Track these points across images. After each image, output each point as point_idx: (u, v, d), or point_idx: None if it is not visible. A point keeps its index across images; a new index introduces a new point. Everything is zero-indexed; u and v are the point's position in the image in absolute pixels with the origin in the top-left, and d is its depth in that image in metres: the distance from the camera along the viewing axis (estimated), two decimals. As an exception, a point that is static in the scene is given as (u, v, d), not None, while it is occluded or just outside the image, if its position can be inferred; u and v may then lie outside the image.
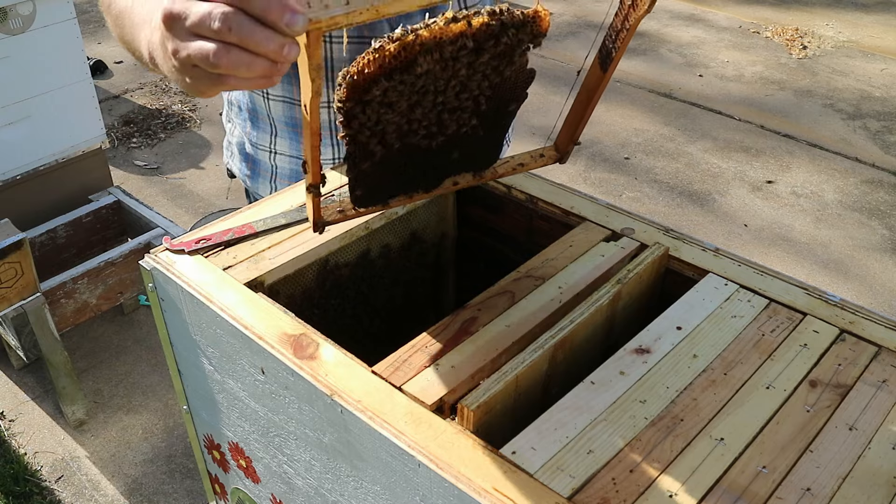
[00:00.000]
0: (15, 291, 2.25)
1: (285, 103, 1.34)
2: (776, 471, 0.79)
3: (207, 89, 0.71)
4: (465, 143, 1.01)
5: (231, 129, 1.49)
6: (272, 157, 1.42)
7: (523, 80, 0.96)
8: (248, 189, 1.53)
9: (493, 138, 1.04)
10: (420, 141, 0.96)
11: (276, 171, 1.43)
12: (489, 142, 1.04)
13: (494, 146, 1.05)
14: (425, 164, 1.01)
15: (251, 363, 0.97)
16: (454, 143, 1.00)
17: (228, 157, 1.52)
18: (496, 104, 0.97)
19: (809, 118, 4.58)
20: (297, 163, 1.41)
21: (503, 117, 1.01)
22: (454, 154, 1.01)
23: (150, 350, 2.88)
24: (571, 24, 5.84)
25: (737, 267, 1.07)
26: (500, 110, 0.99)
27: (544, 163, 1.08)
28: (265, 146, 1.41)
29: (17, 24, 2.44)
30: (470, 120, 0.97)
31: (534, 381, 0.92)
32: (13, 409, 2.66)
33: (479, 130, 0.99)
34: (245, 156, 1.46)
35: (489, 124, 1.00)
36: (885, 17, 6.05)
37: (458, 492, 0.75)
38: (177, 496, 2.38)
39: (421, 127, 0.93)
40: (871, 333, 0.96)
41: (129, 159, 4.11)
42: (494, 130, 1.02)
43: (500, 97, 0.96)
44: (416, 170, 1.00)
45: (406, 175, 1.00)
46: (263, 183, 1.46)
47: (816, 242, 3.57)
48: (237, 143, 1.47)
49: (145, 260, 1.07)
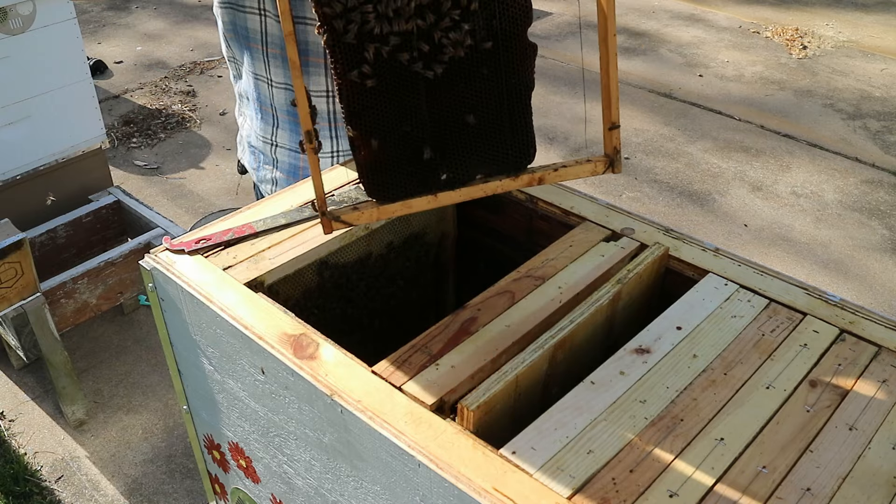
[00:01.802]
0: (15, 291, 2.25)
1: (287, 90, 1.36)
2: (776, 471, 0.79)
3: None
4: (475, 95, 0.92)
5: (242, 122, 1.53)
6: (273, 150, 1.45)
7: (516, 9, 0.91)
8: (255, 183, 1.56)
9: (513, 114, 0.93)
10: (415, 66, 0.90)
11: (276, 164, 1.46)
12: (509, 120, 0.93)
13: (518, 130, 0.94)
14: (438, 125, 0.93)
15: (251, 363, 0.97)
16: (463, 93, 0.92)
17: (240, 151, 1.56)
18: (491, 34, 0.91)
19: (809, 118, 4.58)
20: (296, 157, 1.43)
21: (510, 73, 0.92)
22: (469, 117, 0.93)
23: (150, 350, 2.87)
24: (571, 24, 5.84)
25: (737, 267, 1.06)
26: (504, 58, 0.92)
27: (593, 169, 0.95)
28: (268, 138, 1.44)
29: (17, 24, 2.43)
30: (463, 39, 0.91)
31: (534, 381, 0.92)
32: (13, 409, 2.66)
33: (482, 68, 0.91)
34: (252, 148, 1.50)
35: (493, 67, 0.92)
36: (885, 17, 6.05)
37: (458, 492, 0.75)
38: (177, 496, 2.38)
39: (403, 29, 0.89)
40: (871, 333, 0.96)
41: (129, 159, 4.11)
42: (510, 100, 0.93)
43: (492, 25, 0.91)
44: (427, 133, 0.92)
45: (422, 153, 0.93)
46: (266, 176, 1.48)
47: (816, 242, 3.57)
48: (247, 136, 1.51)
49: (145, 260, 1.07)
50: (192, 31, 5.56)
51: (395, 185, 0.94)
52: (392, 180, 0.94)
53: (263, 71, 1.37)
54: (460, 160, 0.94)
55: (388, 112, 0.92)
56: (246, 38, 1.35)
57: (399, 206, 0.93)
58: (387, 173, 0.93)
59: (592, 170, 0.94)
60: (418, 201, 0.93)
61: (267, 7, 1.31)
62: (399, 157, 0.93)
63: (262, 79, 1.39)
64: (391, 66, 0.91)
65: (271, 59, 1.34)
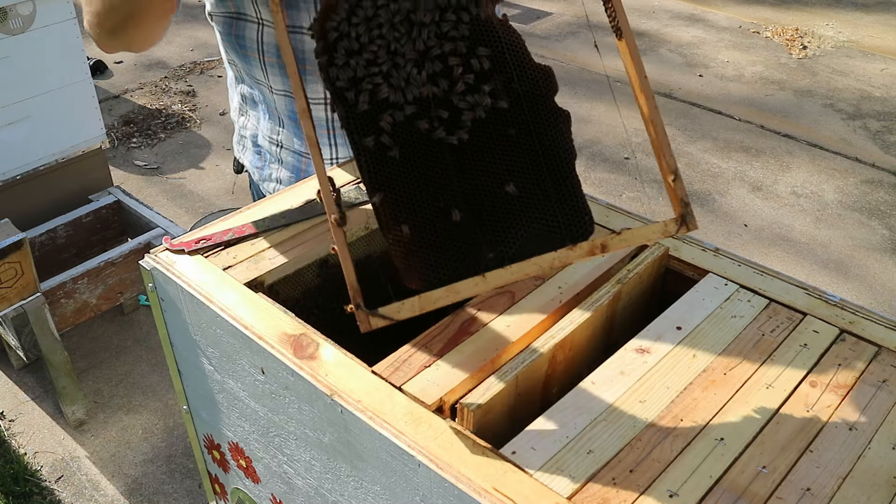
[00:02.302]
0: (15, 291, 2.25)
1: (287, 97, 1.36)
2: (776, 471, 0.79)
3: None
4: (507, 160, 0.85)
5: (244, 122, 1.52)
6: (279, 151, 1.45)
7: (535, 73, 0.87)
8: (256, 183, 1.56)
9: (556, 180, 0.84)
10: (437, 133, 0.86)
11: (281, 163, 1.46)
12: (554, 188, 0.84)
13: (566, 199, 0.85)
14: (473, 197, 0.85)
15: (251, 363, 0.97)
16: (494, 158, 0.85)
17: (240, 150, 1.56)
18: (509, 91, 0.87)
19: (809, 118, 4.58)
20: (299, 158, 1.43)
21: (542, 134, 0.85)
22: (508, 185, 0.85)
23: (150, 350, 2.87)
24: (571, 24, 5.84)
25: (737, 267, 1.07)
26: (531, 119, 0.86)
27: (664, 230, 0.81)
28: (274, 138, 1.44)
29: (17, 24, 2.44)
30: (482, 100, 0.86)
31: (534, 381, 0.92)
32: (13, 409, 2.66)
33: (509, 128, 0.86)
34: (257, 147, 1.50)
35: (521, 128, 0.86)
36: (885, 17, 6.05)
37: (458, 492, 0.75)
38: (177, 496, 2.38)
39: (418, 96, 0.87)
40: (871, 333, 0.96)
41: (129, 159, 4.11)
42: (549, 165, 0.84)
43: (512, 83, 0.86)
44: (461, 206, 0.85)
45: (461, 230, 0.85)
46: (271, 175, 1.49)
47: (816, 242, 3.57)
48: (251, 135, 1.51)
49: (145, 260, 1.07)
50: (192, 31, 5.56)
51: (435, 268, 0.84)
52: (431, 263, 0.85)
53: (263, 77, 1.37)
54: (505, 234, 0.84)
55: (415, 185, 0.85)
56: (243, 47, 1.35)
57: (443, 293, 0.82)
58: (424, 256, 0.85)
59: (663, 231, 0.82)
60: (465, 285, 0.82)
61: (264, 16, 1.30)
62: (435, 236, 0.85)
63: (262, 84, 1.40)
64: (411, 134, 0.86)
65: (269, 68, 1.34)
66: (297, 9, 1.26)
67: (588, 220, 0.85)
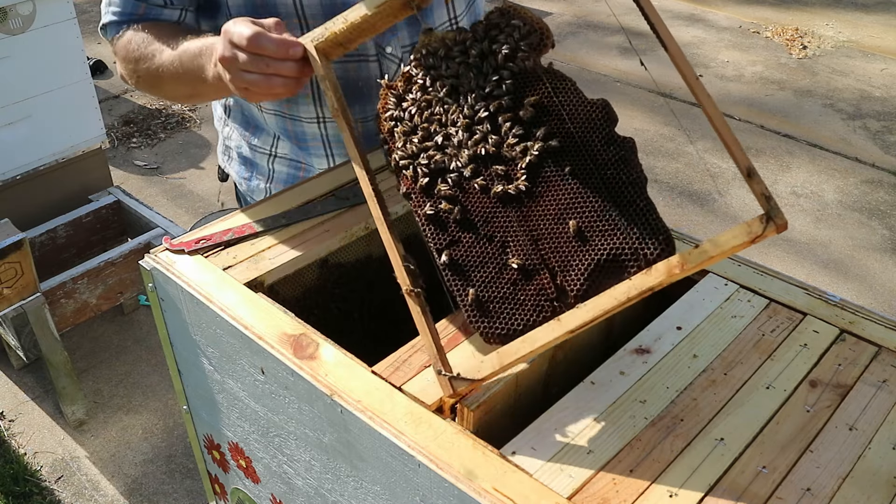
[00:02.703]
0: (15, 291, 2.25)
1: (277, 116, 1.36)
2: (776, 471, 0.79)
3: (258, 98, 1.13)
4: (567, 198, 0.84)
5: (229, 132, 1.50)
6: (271, 161, 1.43)
7: (588, 109, 0.86)
8: (243, 193, 1.54)
9: (622, 207, 0.81)
10: (495, 188, 0.88)
11: (273, 174, 1.45)
12: (621, 216, 0.81)
13: (635, 224, 0.81)
14: (539, 242, 0.85)
15: (251, 363, 0.97)
16: (554, 199, 0.84)
17: (225, 160, 1.54)
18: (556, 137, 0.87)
19: (809, 118, 4.58)
20: (296, 166, 1.42)
21: (602, 166, 0.84)
22: (570, 223, 0.84)
23: (150, 350, 2.87)
24: (571, 24, 5.83)
25: (737, 267, 1.07)
26: (586, 152, 0.85)
27: (748, 232, 0.72)
28: (265, 150, 1.43)
29: (17, 24, 2.43)
30: (532, 145, 0.87)
31: (534, 381, 0.92)
32: (13, 409, 2.66)
33: (563, 166, 0.85)
34: (244, 159, 1.48)
35: (576, 163, 0.84)
36: (885, 17, 6.05)
37: (458, 492, 0.75)
38: (177, 496, 2.38)
39: (471, 155, 0.90)
40: (871, 333, 0.96)
41: (129, 159, 4.11)
42: (613, 194, 0.83)
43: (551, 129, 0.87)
44: (528, 254, 0.85)
45: (531, 279, 0.85)
46: (259, 186, 1.47)
47: (816, 242, 3.57)
48: (236, 146, 1.49)
49: (145, 260, 1.07)
50: (192, 31, 5.55)
51: (508, 321, 0.85)
52: (504, 318, 0.85)
53: None
54: (572, 273, 0.82)
55: (478, 243, 0.88)
56: None
57: (520, 344, 0.81)
58: (496, 312, 0.85)
59: (748, 233, 0.71)
60: (541, 332, 0.81)
61: None
62: (503, 289, 0.86)
63: (253, 105, 1.40)
64: (470, 194, 0.90)
65: None
66: None
67: (662, 239, 0.79)
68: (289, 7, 1.22)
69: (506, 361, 0.82)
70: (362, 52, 1.28)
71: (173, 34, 1.22)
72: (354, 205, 1.19)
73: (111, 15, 1.30)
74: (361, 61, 1.29)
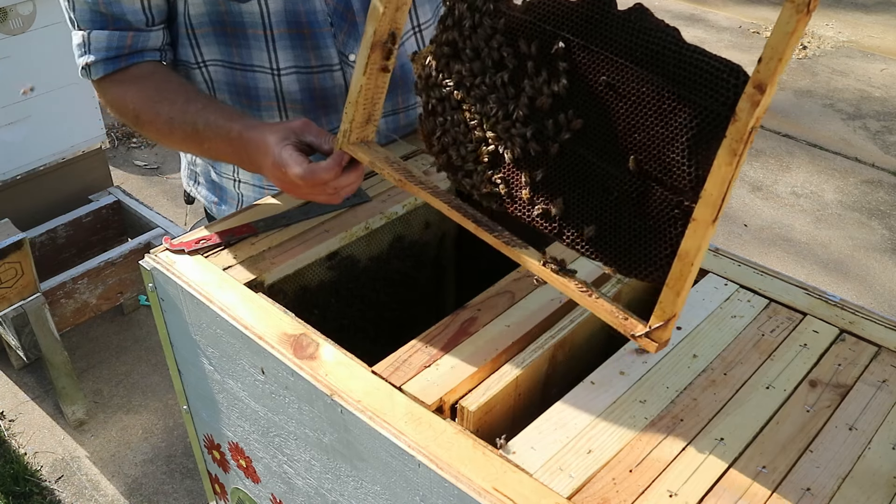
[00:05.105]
0: (15, 291, 2.25)
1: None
2: (776, 471, 0.79)
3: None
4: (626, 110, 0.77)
5: (193, 157, 1.47)
6: (237, 186, 1.40)
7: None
8: (214, 217, 1.50)
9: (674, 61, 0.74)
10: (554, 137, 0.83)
11: (242, 198, 1.41)
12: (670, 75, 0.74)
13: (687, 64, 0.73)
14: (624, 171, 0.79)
15: (251, 363, 0.97)
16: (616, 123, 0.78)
17: (192, 185, 1.50)
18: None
19: (809, 118, 4.58)
20: (260, 191, 1.38)
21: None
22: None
23: (150, 350, 2.87)
24: (571, 24, 5.83)
25: (737, 267, 1.07)
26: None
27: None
28: (229, 174, 1.40)
29: (17, 24, 2.43)
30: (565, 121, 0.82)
31: (534, 381, 0.92)
32: (13, 409, 2.66)
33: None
34: (211, 183, 1.45)
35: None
36: (885, 17, 6.05)
37: (458, 492, 0.75)
38: (177, 496, 2.38)
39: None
40: (871, 333, 0.96)
41: (129, 159, 4.11)
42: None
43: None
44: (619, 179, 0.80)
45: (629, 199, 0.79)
46: (230, 210, 1.43)
47: (816, 242, 3.57)
48: (202, 171, 1.46)
49: (145, 260, 1.07)
50: (192, 31, 5.55)
51: (652, 248, 0.79)
52: (644, 245, 0.80)
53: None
54: (678, 166, 0.75)
55: (585, 194, 0.83)
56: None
57: (680, 264, 0.75)
58: (635, 244, 0.80)
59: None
60: (689, 241, 0.73)
61: (206, 58, 1.28)
62: (622, 220, 0.81)
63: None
64: (544, 157, 0.85)
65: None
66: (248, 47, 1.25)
67: (729, 73, 0.74)
68: (255, 17, 1.20)
69: (681, 290, 0.75)
70: (326, 62, 1.25)
71: (180, 99, 1.20)
72: (354, 205, 1.19)
73: (92, 55, 1.27)
74: (325, 71, 1.26)
